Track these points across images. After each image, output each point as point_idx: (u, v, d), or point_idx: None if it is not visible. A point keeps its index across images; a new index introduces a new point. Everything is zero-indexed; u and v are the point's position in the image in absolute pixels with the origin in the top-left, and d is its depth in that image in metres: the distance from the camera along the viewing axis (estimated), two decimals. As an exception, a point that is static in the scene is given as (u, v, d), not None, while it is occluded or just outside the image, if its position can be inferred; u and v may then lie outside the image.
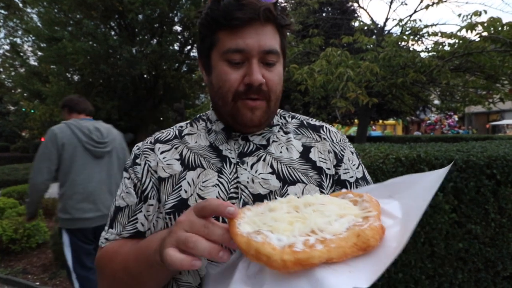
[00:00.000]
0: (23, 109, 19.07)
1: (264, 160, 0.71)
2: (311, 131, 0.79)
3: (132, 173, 0.72)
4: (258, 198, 0.68)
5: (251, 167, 0.70)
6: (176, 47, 15.58)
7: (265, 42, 0.64)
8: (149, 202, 0.70)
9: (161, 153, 0.72)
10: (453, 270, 2.25)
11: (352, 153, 0.81)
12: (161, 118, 19.37)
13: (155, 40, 14.89)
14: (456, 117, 20.14)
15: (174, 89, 16.51)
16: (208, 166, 0.70)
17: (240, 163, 0.70)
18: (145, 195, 0.70)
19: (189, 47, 16.92)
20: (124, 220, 0.70)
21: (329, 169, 0.75)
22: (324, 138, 0.79)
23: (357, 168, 0.79)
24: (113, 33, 14.95)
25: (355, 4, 8.55)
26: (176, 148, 0.73)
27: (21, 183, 7.04)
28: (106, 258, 0.68)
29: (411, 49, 4.04)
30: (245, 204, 0.67)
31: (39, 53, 15.46)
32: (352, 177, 0.77)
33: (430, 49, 3.89)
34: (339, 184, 0.75)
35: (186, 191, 0.68)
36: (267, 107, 0.68)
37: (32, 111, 16.60)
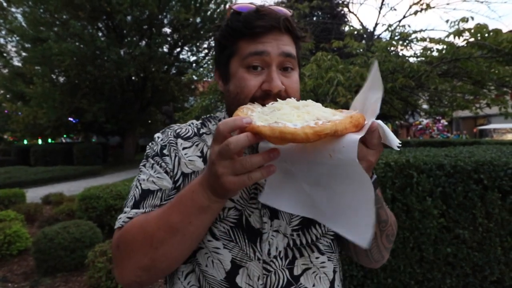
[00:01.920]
0: (6, 111, 18.55)
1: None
2: None
3: (161, 161, 0.72)
4: None
5: None
6: (165, 49, 15.46)
7: (284, 48, 0.67)
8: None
9: (183, 149, 0.73)
10: (442, 275, 2.26)
11: None
12: (149, 121, 19.14)
13: (143, 42, 14.73)
14: (445, 122, 20.58)
15: (163, 92, 16.35)
16: None
17: None
18: (177, 186, 0.71)
19: (178, 49, 16.82)
20: (156, 201, 0.69)
21: None
22: None
23: None
24: (100, 34, 14.72)
25: (345, 9, 8.68)
26: (196, 145, 0.74)
27: (1, 188, 6.80)
28: (134, 229, 0.64)
29: (400, 54, 4.10)
30: (264, 205, 0.68)
31: (23, 54, 15.09)
32: None
33: (418, 54, 3.97)
34: None
35: None
36: None
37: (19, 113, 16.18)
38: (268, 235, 0.67)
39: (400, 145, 0.56)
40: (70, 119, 15.90)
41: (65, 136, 21.56)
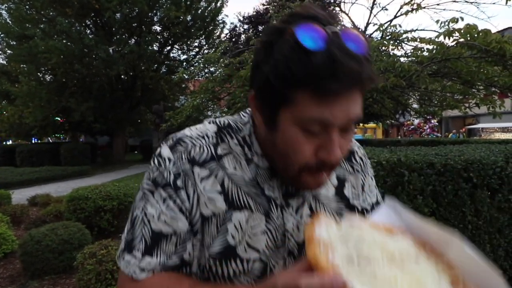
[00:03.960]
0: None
1: (307, 202, 0.66)
2: (344, 160, 0.72)
3: (175, 196, 0.60)
4: (302, 246, 0.62)
5: (296, 211, 0.64)
6: (155, 48, 15.29)
7: (354, 112, 0.52)
8: (197, 236, 0.62)
9: (201, 181, 0.61)
10: (433, 272, 2.29)
11: (372, 177, 0.77)
12: (139, 121, 18.91)
13: (133, 40, 14.54)
14: (436, 122, 20.94)
15: (153, 91, 16.17)
16: (255, 207, 0.62)
17: (286, 206, 0.64)
18: (195, 230, 0.61)
19: (168, 47, 16.67)
20: (170, 248, 0.60)
21: (359, 205, 0.72)
22: (357, 170, 0.73)
23: (371, 192, 0.76)
24: (88, 31, 14.47)
25: (337, 9, 8.71)
26: (215, 176, 0.61)
27: (-14, 189, 6.61)
28: None
29: (391, 54, 4.14)
30: (290, 253, 0.63)
31: (9, 51, 14.71)
32: (368, 203, 0.74)
33: (409, 54, 4.02)
34: (349, 208, 0.70)
35: (233, 237, 0.61)
36: (331, 174, 0.61)
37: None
38: None
39: None
40: (57, 118, 15.60)
41: (52, 136, 21.14)
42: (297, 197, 0.65)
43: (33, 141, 20.18)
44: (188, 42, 16.56)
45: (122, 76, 15.45)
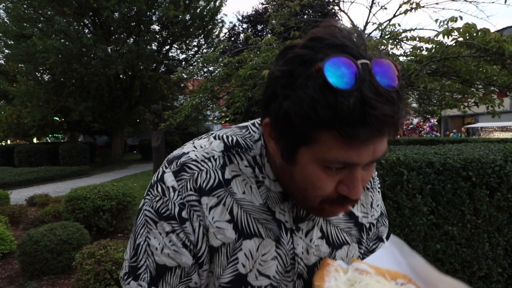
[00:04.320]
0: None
1: (317, 224, 0.65)
2: None
3: (179, 229, 0.57)
4: (311, 268, 0.64)
5: (306, 234, 0.64)
6: (154, 47, 15.25)
7: (380, 151, 0.48)
8: (203, 268, 0.61)
9: (209, 210, 0.58)
10: (432, 271, 2.30)
11: (379, 191, 0.76)
12: (138, 120, 18.88)
13: (131, 39, 14.50)
14: (435, 121, 20.95)
15: (152, 90, 16.15)
16: (266, 234, 0.61)
17: (296, 231, 0.63)
18: (200, 262, 0.60)
19: (167, 47, 16.64)
20: (175, 280, 0.60)
21: (368, 223, 0.72)
22: (367, 188, 0.72)
23: (377, 206, 0.75)
24: (87, 31, 14.43)
25: (336, 8, 8.71)
26: (224, 205, 0.59)
27: (-16, 189, 6.60)
28: None
29: (390, 53, 4.14)
30: (299, 276, 0.63)
31: (6, 51, 14.64)
32: (374, 218, 0.74)
33: (408, 53, 4.01)
34: (357, 226, 0.70)
35: (244, 265, 0.60)
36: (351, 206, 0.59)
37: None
38: None
39: None
40: (56, 118, 15.56)
41: (50, 136, 21.08)
42: (308, 220, 0.64)
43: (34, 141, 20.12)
44: (187, 42, 16.54)
45: (121, 76, 15.43)
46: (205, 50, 15.82)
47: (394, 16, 4.64)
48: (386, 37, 4.21)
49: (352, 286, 0.49)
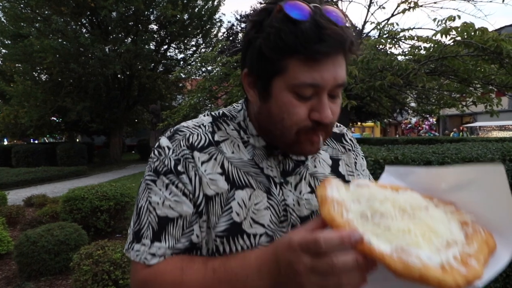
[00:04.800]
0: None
1: (305, 178, 0.70)
2: (335, 142, 0.79)
3: (177, 181, 0.63)
4: (304, 220, 0.67)
5: (295, 187, 0.69)
6: (152, 46, 15.20)
7: (340, 75, 0.57)
8: (203, 218, 0.64)
9: (202, 164, 0.64)
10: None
11: (363, 157, 0.83)
12: (136, 120, 18.83)
13: (129, 38, 14.45)
14: (434, 120, 20.97)
15: (150, 90, 16.10)
16: (256, 185, 0.66)
17: (284, 184, 0.68)
18: (200, 211, 0.63)
19: (165, 46, 16.59)
20: (178, 232, 0.62)
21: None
22: (349, 149, 0.80)
23: (363, 171, 0.82)
24: (84, 30, 14.37)
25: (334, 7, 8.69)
26: (215, 159, 0.65)
27: (-19, 189, 6.56)
28: (166, 283, 0.59)
29: (388, 52, 4.14)
30: (294, 227, 0.65)
31: (3, 51, 14.56)
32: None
33: (407, 52, 4.02)
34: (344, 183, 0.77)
35: (238, 214, 0.64)
36: (325, 138, 0.64)
37: None
38: None
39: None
40: (53, 118, 15.50)
41: (48, 136, 21.00)
42: (295, 175, 0.69)
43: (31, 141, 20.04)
44: (185, 41, 16.49)
45: (119, 75, 15.37)
46: (203, 50, 15.77)
47: (392, 15, 4.65)
48: (384, 36, 4.21)
49: (358, 200, 0.49)
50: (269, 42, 0.55)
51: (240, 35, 16.46)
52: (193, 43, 16.95)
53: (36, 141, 20.63)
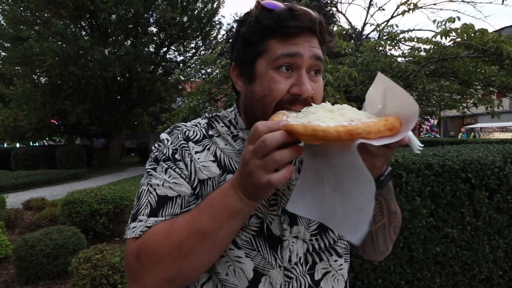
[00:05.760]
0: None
1: (294, 164, 0.74)
2: None
3: (175, 166, 0.68)
4: None
5: None
6: (151, 49, 15.22)
7: (315, 49, 0.65)
8: (199, 200, 0.68)
9: (196, 153, 0.70)
10: (431, 274, 2.26)
11: None
12: (136, 123, 18.80)
13: (129, 41, 14.46)
14: (435, 121, 20.93)
15: (149, 93, 16.11)
16: None
17: None
18: (197, 193, 0.68)
19: (165, 49, 16.61)
20: (175, 209, 0.65)
21: None
22: None
23: None
24: (84, 33, 14.39)
25: (334, 9, 8.72)
26: (208, 149, 0.71)
27: (-20, 193, 6.54)
28: (159, 237, 0.61)
29: (388, 54, 4.14)
30: (284, 211, 0.69)
31: (3, 54, 14.58)
32: None
33: (406, 54, 4.02)
34: None
35: None
36: None
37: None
38: (289, 242, 0.68)
39: (422, 148, 0.57)
40: (53, 121, 15.48)
41: (47, 138, 20.97)
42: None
43: (30, 144, 20.01)
44: (185, 44, 16.52)
45: (118, 78, 15.38)
46: (202, 52, 15.79)
47: (392, 17, 4.66)
48: (384, 38, 4.21)
49: (301, 118, 0.55)
50: (250, 28, 0.66)
51: (240, 37, 16.48)
52: (192, 45, 16.99)
53: (36, 144, 20.60)
